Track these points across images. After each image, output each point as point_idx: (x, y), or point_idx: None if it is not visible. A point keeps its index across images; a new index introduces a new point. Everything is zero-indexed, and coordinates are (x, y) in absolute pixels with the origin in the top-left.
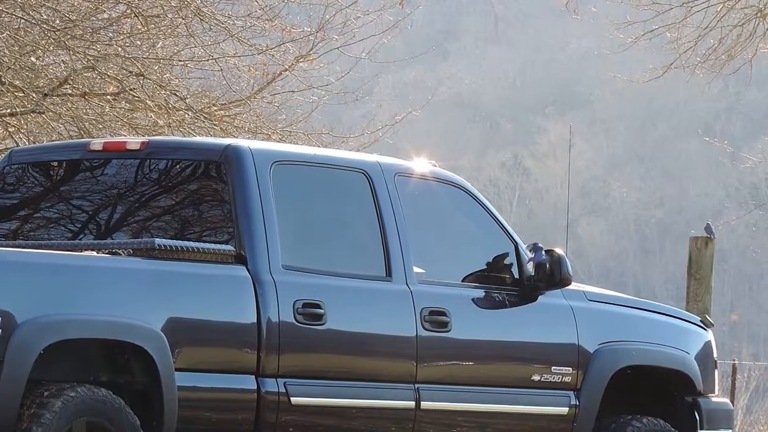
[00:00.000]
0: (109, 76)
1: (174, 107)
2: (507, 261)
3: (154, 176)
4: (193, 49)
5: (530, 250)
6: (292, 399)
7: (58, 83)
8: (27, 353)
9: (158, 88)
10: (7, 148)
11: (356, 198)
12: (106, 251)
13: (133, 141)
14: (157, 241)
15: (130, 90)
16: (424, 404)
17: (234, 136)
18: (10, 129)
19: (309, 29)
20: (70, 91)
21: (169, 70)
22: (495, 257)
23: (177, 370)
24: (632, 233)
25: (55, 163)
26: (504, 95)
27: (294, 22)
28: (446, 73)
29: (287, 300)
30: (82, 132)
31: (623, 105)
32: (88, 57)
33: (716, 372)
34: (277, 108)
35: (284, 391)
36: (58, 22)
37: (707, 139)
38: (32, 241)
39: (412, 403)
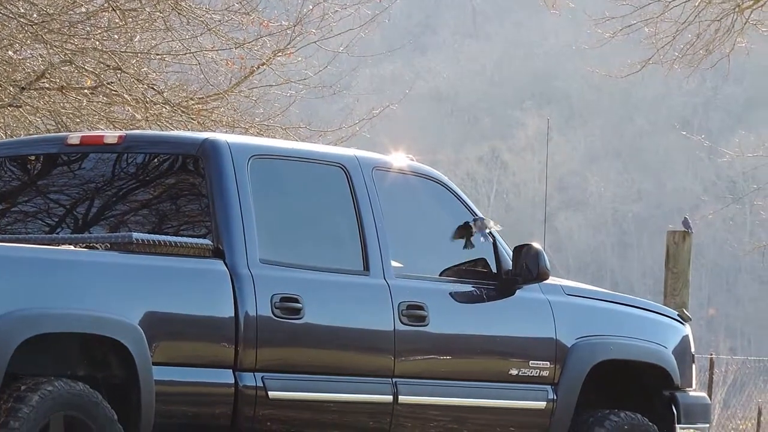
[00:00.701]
0: (86, 69)
1: (151, 101)
2: (484, 255)
3: (132, 170)
4: (171, 42)
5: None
6: (270, 393)
7: (35, 77)
8: (4, 347)
9: (136, 82)
10: None
11: (334, 192)
12: (84, 245)
13: (111, 135)
14: (135, 235)
15: (108, 84)
16: (402, 398)
17: (212, 130)
18: None
19: (287, 23)
20: (47, 85)
21: (146, 63)
22: (472, 251)
23: (154, 364)
24: (610, 227)
25: (33, 157)
26: (482, 89)
27: (271, 16)
28: (424, 67)
29: (265, 294)
30: (60, 126)
31: (601, 99)
32: (66, 51)
33: (694, 366)
34: (255, 102)
35: (262, 385)
36: (35, 15)
37: (685, 133)
38: (9, 235)
39: (389, 398)
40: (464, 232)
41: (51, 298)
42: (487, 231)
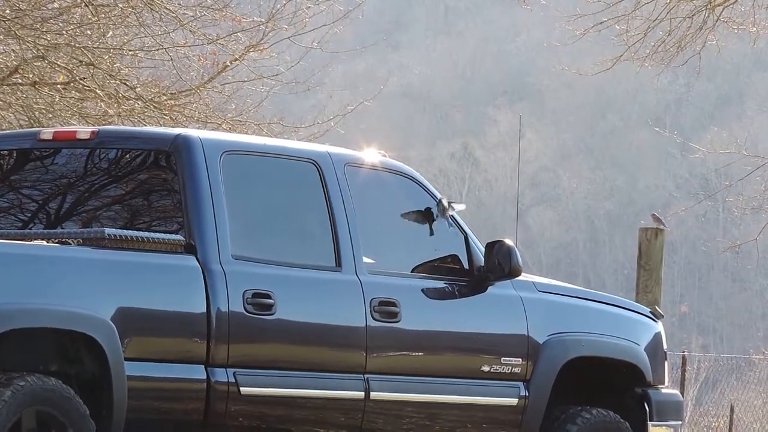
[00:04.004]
0: (59, 65)
1: (124, 96)
2: (457, 251)
3: (104, 166)
4: (144, 38)
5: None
6: (242, 389)
7: (8, 72)
8: None
9: (108, 77)
10: None
11: (306, 188)
12: (56, 241)
13: (84, 130)
14: (107, 230)
15: (81, 79)
16: (374, 394)
17: (184, 126)
18: None
19: (259, 19)
20: (20, 81)
21: (119, 59)
22: (445, 248)
23: (126, 359)
24: (582, 224)
25: (5, 153)
26: (454, 86)
27: (244, 12)
28: (396, 63)
29: (237, 290)
30: (33, 121)
31: (573, 96)
32: (38, 46)
33: (666, 363)
34: (228, 97)
35: (234, 381)
36: (8, 11)
37: (657, 129)
38: None
39: (361, 394)
40: (427, 218)
41: (23, 294)
42: (450, 214)
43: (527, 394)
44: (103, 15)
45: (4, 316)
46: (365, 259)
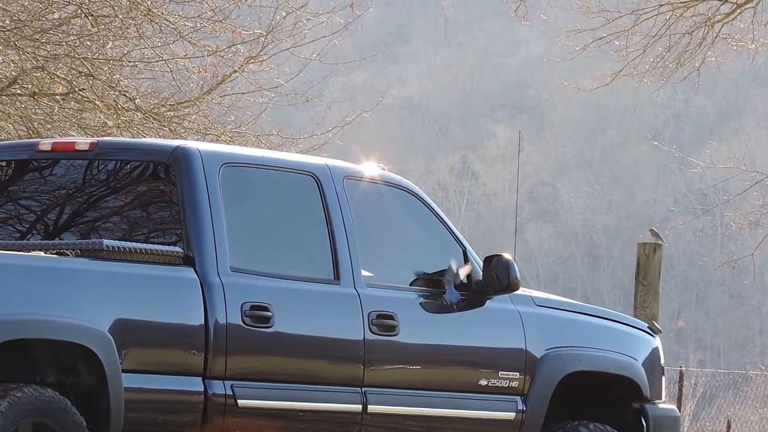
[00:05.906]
0: (58, 76)
1: (123, 108)
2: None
3: (103, 177)
4: (143, 50)
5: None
6: (239, 401)
7: (7, 83)
8: None
9: (108, 88)
10: None
11: (305, 201)
12: (54, 252)
13: (82, 141)
14: (105, 242)
15: (80, 90)
16: (371, 408)
17: (183, 137)
18: None
19: (259, 31)
20: (19, 91)
21: (118, 70)
22: (443, 261)
23: (124, 371)
24: (580, 238)
25: (4, 163)
26: (453, 99)
27: (244, 24)
28: (396, 76)
29: (235, 302)
30: (31, 132)
31: (572, 110)
32: (38, 57)
33: (663, 378)
34: (227, 109)
35: (231, 393)
36: (7, 22)
37: (656, 143)
38: None
39: (359, 407)
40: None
41: (20, 304)
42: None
43: (525, 409)
44: (102, 26)
45: (0, 326)
46: (363, 272)
